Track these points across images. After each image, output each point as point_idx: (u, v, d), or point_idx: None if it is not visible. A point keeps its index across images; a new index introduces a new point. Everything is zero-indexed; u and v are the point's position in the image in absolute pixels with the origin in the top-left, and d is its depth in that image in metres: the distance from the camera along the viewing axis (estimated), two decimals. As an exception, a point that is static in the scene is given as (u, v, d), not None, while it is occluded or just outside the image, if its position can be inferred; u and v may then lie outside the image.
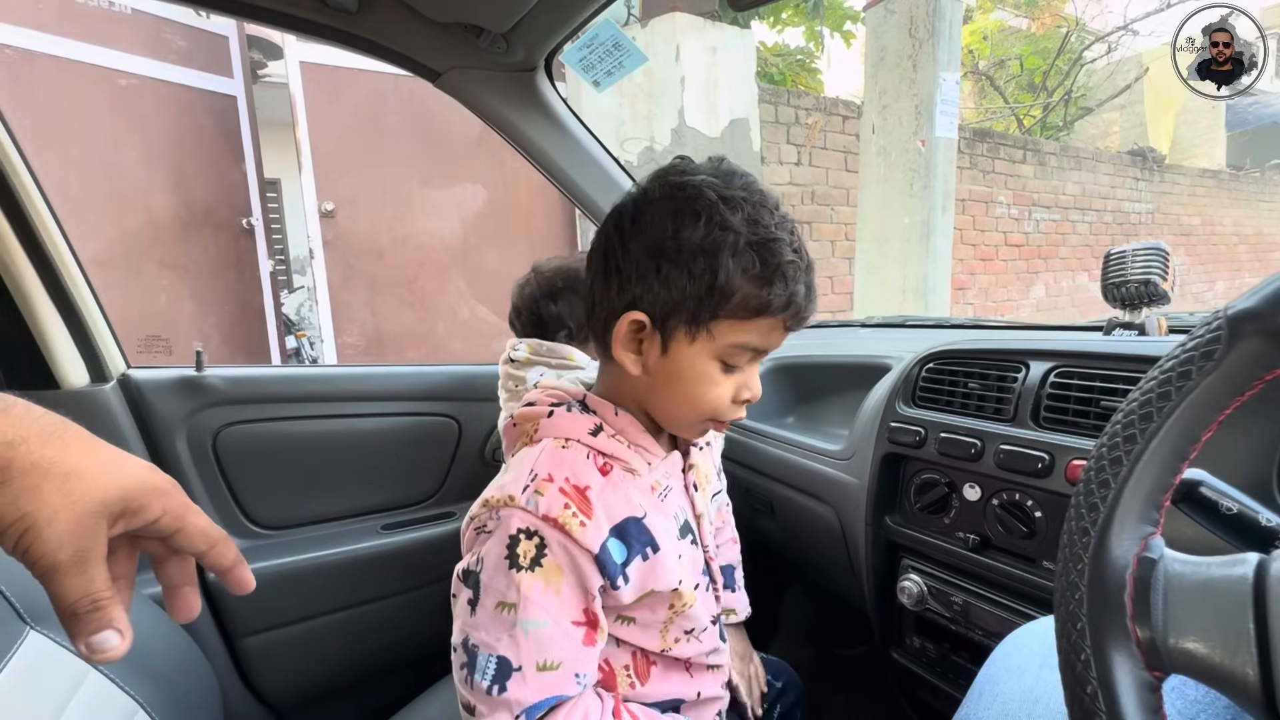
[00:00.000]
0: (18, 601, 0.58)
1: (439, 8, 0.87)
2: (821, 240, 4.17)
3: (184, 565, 0.40)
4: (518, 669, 0.48)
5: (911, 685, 0.97)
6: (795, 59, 5.52)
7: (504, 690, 0.48)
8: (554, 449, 0.54)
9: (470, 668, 0.49)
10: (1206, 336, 0.33)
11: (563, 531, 0.50)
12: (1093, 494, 0.35)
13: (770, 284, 0.51)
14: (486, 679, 0.48)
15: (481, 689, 0.48)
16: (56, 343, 0.94)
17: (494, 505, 0.52)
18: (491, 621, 0.49)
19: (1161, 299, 0.85)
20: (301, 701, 1.12)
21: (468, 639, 0.50)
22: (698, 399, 0.54)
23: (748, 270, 0.50)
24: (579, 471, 0.53)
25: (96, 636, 0.33)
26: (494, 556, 0.50)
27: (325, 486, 1.18)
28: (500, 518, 0.51)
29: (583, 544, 0.50)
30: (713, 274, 0.50)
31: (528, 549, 0.50)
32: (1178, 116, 8.08)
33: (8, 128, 0.86)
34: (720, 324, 0.52)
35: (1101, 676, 0.32)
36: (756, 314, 0.51)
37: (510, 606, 0.49)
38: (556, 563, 0.50)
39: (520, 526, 0.50)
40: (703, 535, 0.64)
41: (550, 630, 0.49)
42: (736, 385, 0.55)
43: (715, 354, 0.53)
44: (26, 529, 0.32)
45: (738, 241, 0.50)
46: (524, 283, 1.09)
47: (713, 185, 0.52)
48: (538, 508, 0.50)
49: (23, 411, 0.34)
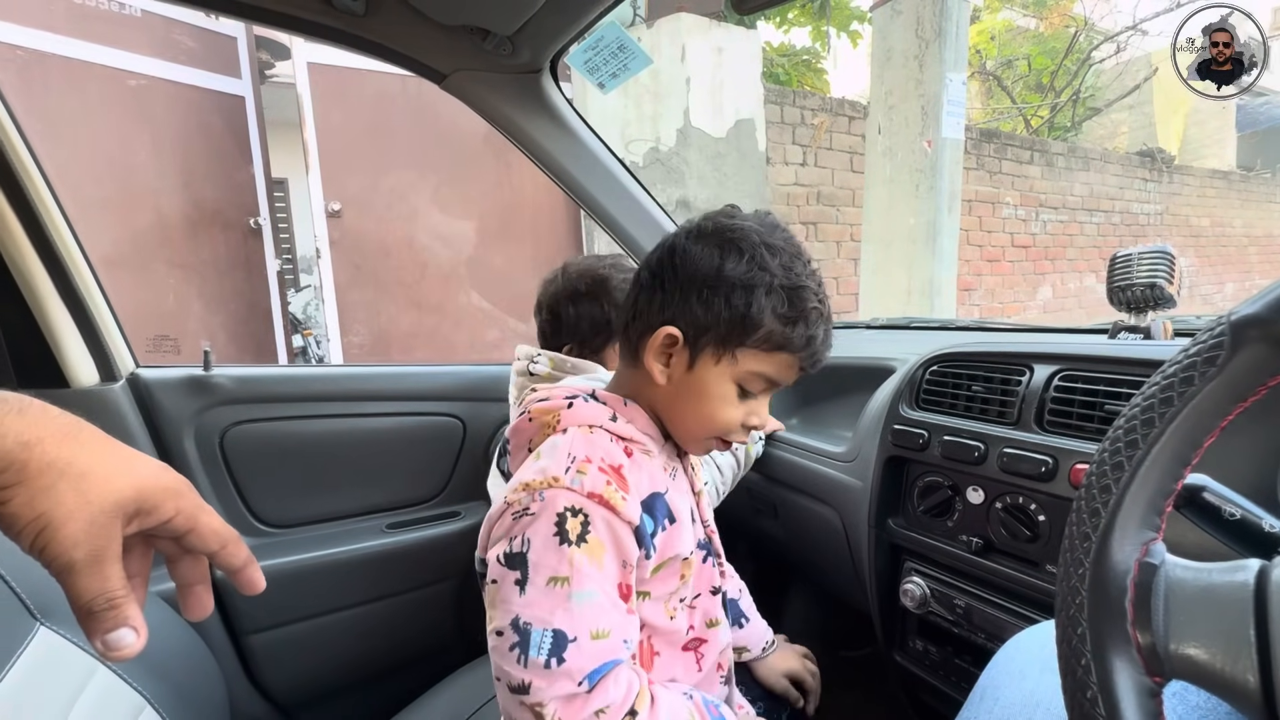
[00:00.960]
0: (28, 597, 0.59)
1: (445, 10, 0.87)
2: (827, 241, 4.17)
3: (197, 564, 0.41)
4: (573, 640, 0.51)
5: (913, 687, 0.97)
6: (801, 59, 5.51)
7: (562, 661, 0.50)
8: (583, 434, 0.58)
9: (523, 646, 0.51)
10: (1209, 342, 0.33)
11: (608, 507, 0.54)
12: (1094, 499, 0.35)
13: (794, 324, 0.58)
14: (543, 653, 0.50)
15: (539, 664, 0.50)
16: (67, 342, 0.95)
17: (536, 488, 0.54)
18: (544, 597, 0.52)
19: (1167, 302, 0.85)
20: (307, 699, 1.13)
21: (518, 619, 0.52)
22: (713, 416, 0.60)
23: (777, 309, 0.57)
24: (610, 453, 0.57)
25: (112, 634, 0.34)
26: (542, 535, 0.53)
27: (331, 485, 1.19)
28: (545, 498, 0.54)
29: (625, 517, 0.54)
30: (747, 306, 0.57)
31: (575, 526, 0.53)
32: (1187, 117, 8.03)
33: (20, 129, 0.87)
34: (745, 351, 0.58)
35: (1102, 681, 0.32)
36: (778, 349, 0.58)
37: (563, 580, 0.52)
38: (599, 538, 0.54)
39: (567, 505, 0.53)
40: (702, 511, 0.69)
41: (600, 600, 0.53)
42: (747, 411, 0.60)
43: (735, 378, 0.59)
44: (43, 528, 0.32)
45: (772, 282, 0.57)
46: (551, 279, 1.04)
47: (757, 231, 0.59)
48: (583, 486, 0.54)
49: (39, 412, 0.35)
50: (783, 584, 1.51)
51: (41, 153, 0.91)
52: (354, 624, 1.14)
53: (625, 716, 0.52)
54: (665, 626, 0.63)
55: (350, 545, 1.13)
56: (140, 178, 2.68)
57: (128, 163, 2.64)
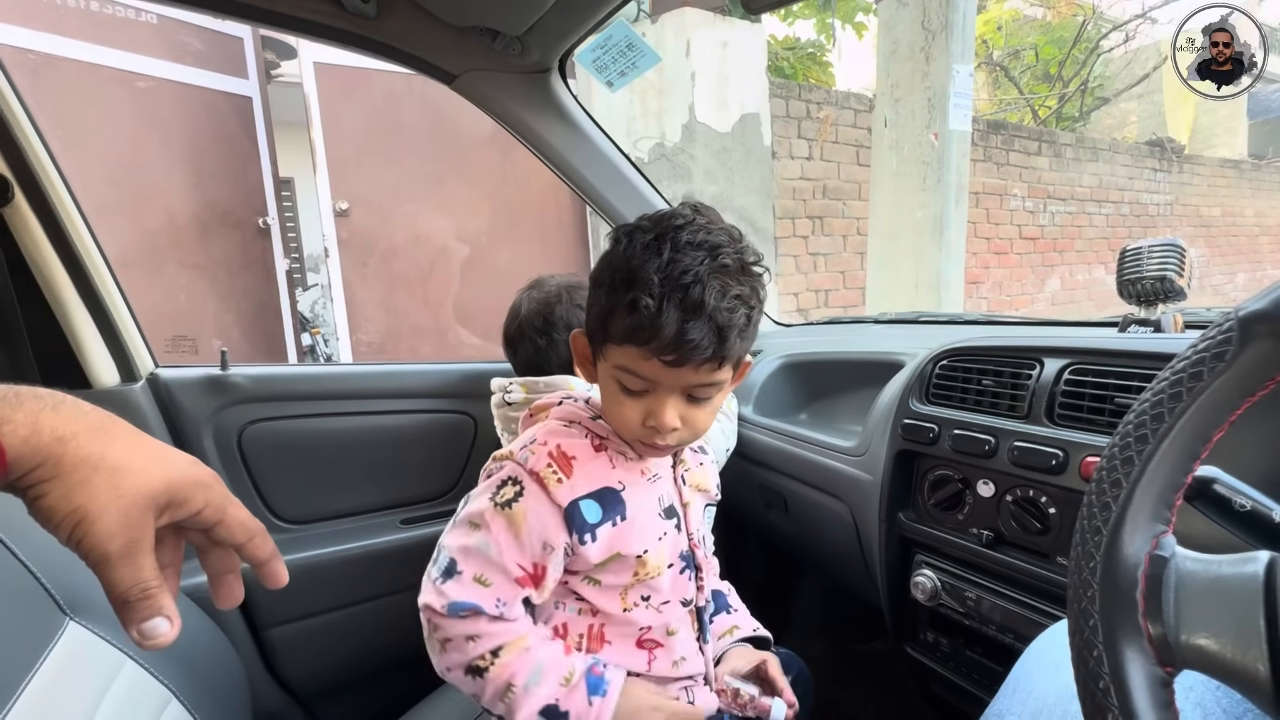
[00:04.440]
0: (58, 594, 0.61)
1: (455, 11, 0.88)
2: (833, 235, 4.15)
3: (226, 554, 0.42)
4: (459, 572, 0.59)
5: (924, 679, 0.98)
6: (806, 53, 5.47)
7: (445, 581, 0.59)
8: (556, 425, 0.65)
9: (434, 560, 0.62)
10: (1218, 337, 0.33)
11: (539, 484, 0.60)
12: (1105, 493, 0.35)
13: (631, 314, 0.54)
14: (438, 570, 0.60)
15: (431, 576, 0.61)
16: (88, 344, 0.97)
17: (499, 459, 0.64)
18: (460, 532, 0.61)
19: (1178, 295, 0.85)
20: (325, 691, 1.14)
21: (443, 541, 0.62)
22: (615, 415, 0.61)
23: (620, 301, 0.55)
24: (571, 443, 0.63)
25: (147, 624, 0.35)
26: (485, 491, 0.62)
27: (346, 482, 1.20)
28: (502, 466, 0.63)
29: (553, 498, 0.60)
30: (597, 300, 0.58)
31: (508, 492, 0.61)
32: (1197, 105, 7.93)
33: (40, 134, 0.89)
34: (609, 347, 0.58)
35: (1114, 672, 0.33)
36: (625, 341, 0.56)
37: (476, 526, 0.60)
38: (523, 511, 0.60)
39: (510, 474, 0.61)
40: (688, 523, 0.69)
41: (493, 556, 0.59)
42: (645, 411, 0.59)
43: (610, 374, 0.59)
44: (79, 521, 0.33)
45: (614, 278, 0.56)
46: (510, 319, 1.08)
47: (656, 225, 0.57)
48: (526, 462, 0.61)
49: (71, 408, 0.36)
50: (793, 578, 1.52)
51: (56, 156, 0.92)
52: (370, 618, 1.15)
53: (488, 653, 0.58)
54: (618, 615, 0.65)
55: (366, 541, 1.15)
56: (150, 179, 2.70)
57: (138, 164, 2.66)
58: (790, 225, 3.96)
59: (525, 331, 1.05)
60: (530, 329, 1.04)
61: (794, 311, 3.96)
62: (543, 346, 1.04)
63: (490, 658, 0.58)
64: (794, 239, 3.98)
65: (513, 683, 0.58)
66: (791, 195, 3.96)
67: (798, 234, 4.00)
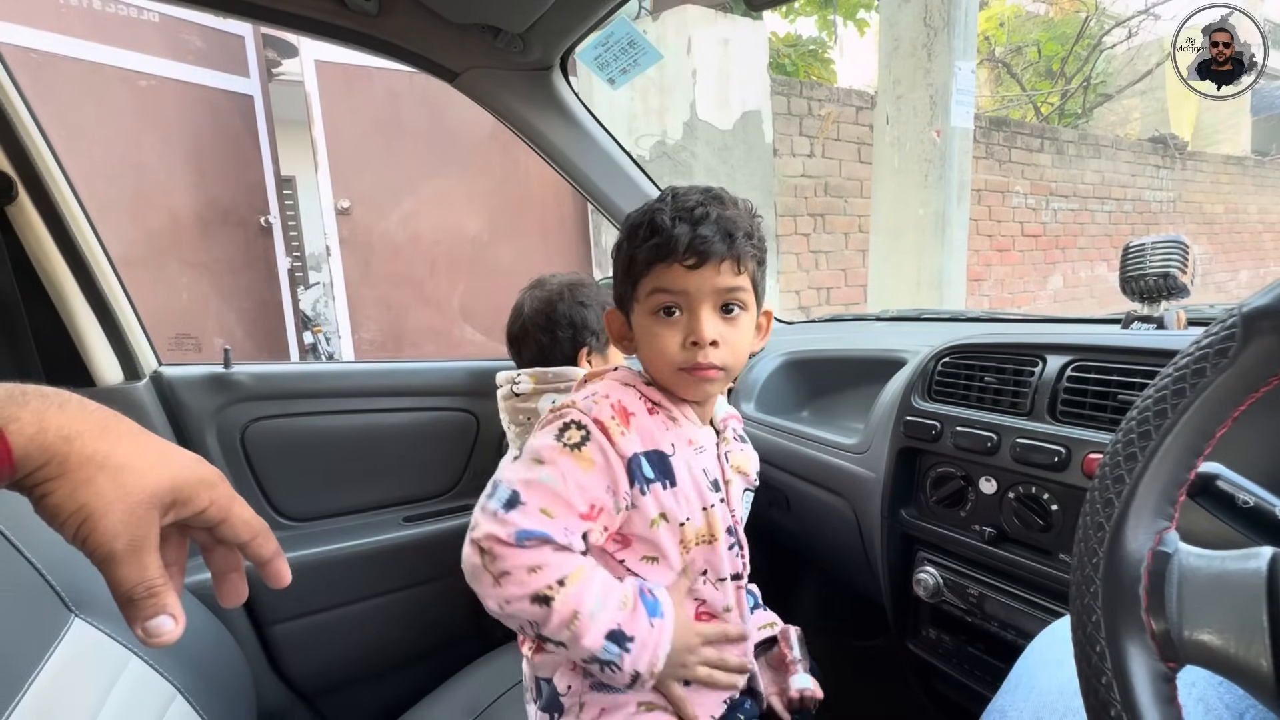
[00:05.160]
0: (63, 591, 0.61)
1: (458, 9, 0.88)
2: (835, 232, 4.15)
3: (230, 553, 0.42)
4: (524, 503, 0.59)
5: (927, 675, 0.98)
6: (808, 49, 5.47)
7: (509, 510, 0.59)
8: (614, 382, 0.67)
9: (491, 494, 0.61)
10: (1221, 334, 0.33)
11: (605, 433, 0.62)
12: (1108, 489, 0.35)
13: (655, 234, 0.63)
14: (498, 503, 0.60)
15: (491, 509, 0.60)
16: (92, 342, 0.97)
17: (559, 407, 0.65)
18: (523, 468, 0.62)
19: (1180, 292, 0.84)
20: (328, 687, 1.15)
21: (498, 479, 0.62)
22: (657, 350, 0.65)
23: (644, 239, 0.63)
24: (629, 401, 0.65)
25: (152, 621, 0.35)
26: (548, 432, 0.63)
27: (348, 479, 1.21)
28: (561, 413, 0.64)
29: (618, 447, 0.62)
30: (621, 248, 0.66)
31: (573, 435, 0.62)
32: (1200, 102, 7.90)
33: (43, 133, 0.89)
34: (640, 284, 0.65)
35: (1117, 668, 0.33)
36: (652, 263, 0.63)
37: (540, 462, 0.61)
38: (591, 455, 0.61)
39: (573, 419, 0.63)
40: (730, 499, 0.71)
41: (560, 488, 0.60)
42: (684, 332, 0.64)
43: (648, 309, 0.65)
44: (84, 519, 0.34)
45: (644, 219, 0.64)
46: (513, 319, 1.11)
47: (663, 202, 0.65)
48: (590, 410, 0.63)
49: (77, 407, 0.36)
50: (795, 575, 1.52)
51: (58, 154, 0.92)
52: (373, 615, 1.16)
53: (554, 583, 0.59)
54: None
55: (368, 538, 1.15)
56: (152, 177, 2.70)
57: (140, 163, 2.67)
58: (792, 223, 3.96)
59: (529, 330, 1.06)
60: (534, 327, 1.05)
61: (796, 309, 3.96)
62: (546, 344, 1.04)
63: (557, 587, 0.59)
64: (796, 236, 3.98)
65: (578, 610, 0.59)
66: (793, 193, 3.96)
67: (799, 231, 3.99)
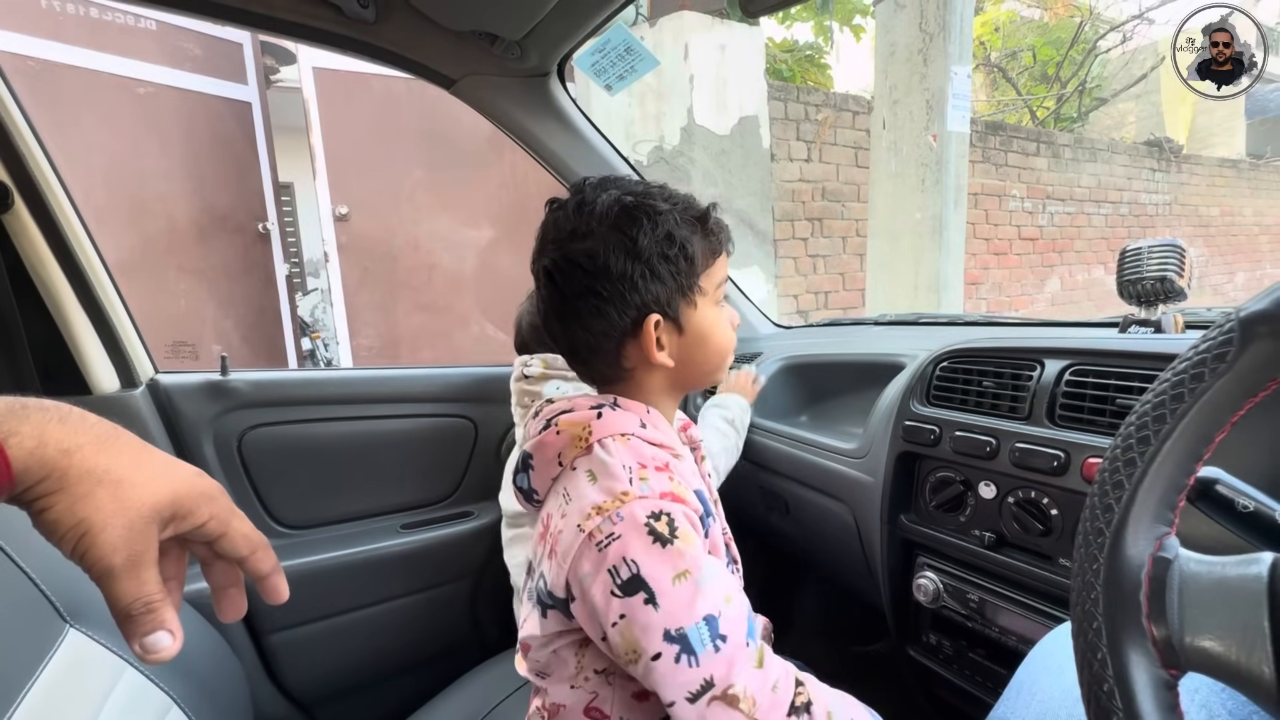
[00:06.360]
0: (58, 601, 0.60)
1: (455, 16, 0.88)
2: (833, 236, 4.15)
3: (230, 568, 0.41)
4: (719, 615, 0.51)
5: (927, 681, 0.98)
6: (805, 55, 5.49)
7: (725, 639, 0.50)
8: (621, 444, 0.57)
9: (688, 650, 0.50)
10: (1219, 338, 0.33)
11: (680, 501, 0.55)
12: (1107, 495, 0.35)
13: (710, 231, 0.63)
14: (707, 643, 0.50)
15: (710, 654, 0.50)
16: (88, 350, 0.97)
17: (610, 510, 0.53)
18: (679, 598, 0.51)
19: (1178, 295, 0.84)
20: (326, 697, 1.14)
21: (668, 631, 0.50)
22: (723, 343, 0.64)
23: (695, 232, 0.61)
24: (655, 455, 0.58)
25: (150, 637, 0.35)
26: (642, 549, 0.52)
27: (346, 487, 1.20)
28: (623, 515, 0.53)
29: (692, 505, 0.56)
30: (682, 249, 0.60)
31: (663, 527, 0.52)
32: (1195, 105, 7.95)
33: (40, 140, 0.89)
34: (702, 278, 0.62)
35: (1118, 675, 0.33)
36: (713, 255, 0.63)
37: (684, 573, 0.51)
38: (686, 530, 0.53)
39: (648, 512, 0.53)
40: (721, 518, 0.68)
41: (717, 570, 0.54)
42: (729, 318, 0.66)
43: (714, 301, 0.64)
44: (83, 534, 0.33)
45: (678, 217, 0.60)
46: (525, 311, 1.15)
47: (618, 197, 0.60)
48: (653, 490, 0.54)
49: (77, 419, 0.36)
50: (794, 580, 1.52)
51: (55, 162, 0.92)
52: (371, 623, 1.15)
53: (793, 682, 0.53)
54: None
55: (366, 546, 1.15)
56: (150, 184, 2.70)
57: (138, 170, 2.67)
58: (789, 227, 3.96)
59: (529, 344, 1.11)
60: (534, 342, 1.10)
61: (794, 313, 3.96)
62: None
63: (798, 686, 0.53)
64: (793, 241, 3.98)
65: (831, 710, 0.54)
66: (790, 197, 3.96)
67: (797, 236, 4.00)
